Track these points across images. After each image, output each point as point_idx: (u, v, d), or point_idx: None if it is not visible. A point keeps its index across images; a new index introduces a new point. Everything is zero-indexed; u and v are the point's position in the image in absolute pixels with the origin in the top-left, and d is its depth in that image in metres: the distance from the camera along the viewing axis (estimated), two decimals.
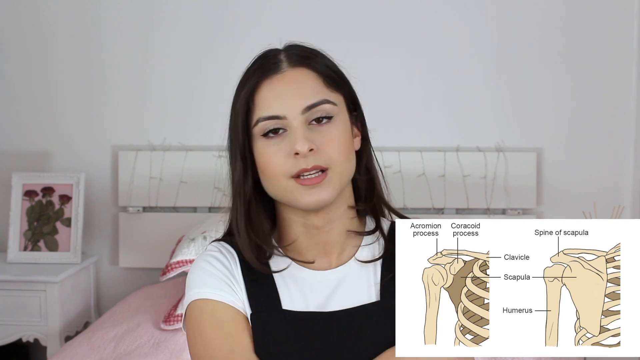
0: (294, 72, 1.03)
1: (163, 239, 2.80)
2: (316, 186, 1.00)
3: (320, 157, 1.00)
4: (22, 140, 2.95)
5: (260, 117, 1.02)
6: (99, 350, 2.12)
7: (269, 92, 1.02)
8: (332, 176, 1.01)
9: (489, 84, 2.82)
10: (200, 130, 2.87)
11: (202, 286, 1.05)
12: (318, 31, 2.76)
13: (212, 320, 1.02)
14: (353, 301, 1.05)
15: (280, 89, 1.02)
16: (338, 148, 1.01)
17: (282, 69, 1.04)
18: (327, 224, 1.06)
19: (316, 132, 1.01)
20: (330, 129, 1.02)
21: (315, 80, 1.03)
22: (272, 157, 1.01)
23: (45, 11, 2.91)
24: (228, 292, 1.05)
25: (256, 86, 1.03)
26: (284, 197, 1.03)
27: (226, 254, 1.09)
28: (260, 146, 1.03)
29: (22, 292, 2.60)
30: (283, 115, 1.01)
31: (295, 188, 1.01)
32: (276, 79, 1.03)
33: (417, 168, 2.77)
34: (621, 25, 2.77)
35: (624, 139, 2.80)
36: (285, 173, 1.00)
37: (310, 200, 1.00)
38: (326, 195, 1.01)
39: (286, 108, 1.01)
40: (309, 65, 1.04)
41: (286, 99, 1.01)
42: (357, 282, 1.07)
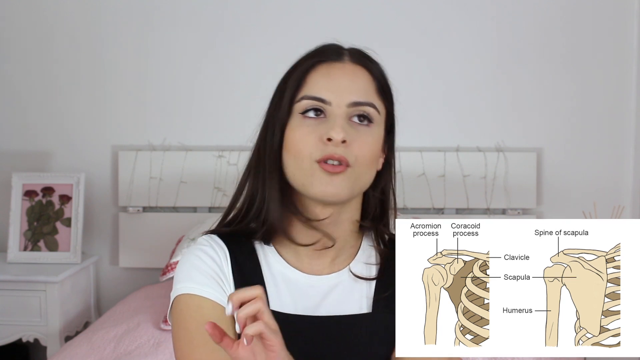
0: (354, 67, 1.05)
1: (163, 239, 2.80)
2: (335, 176, 0.99)
3: (350, 152, 0.99)
4: (22, 140, 2.95)
5: (306, 95, 1.02)
6: (99, 350, 2.12)
7: (323, 75, 1.03)
8: (352, 174, 1.00)
9: (489, 84, 2.82)
10: (200, 130, 2.87)
11: (189, 281, 1.04)
12: (318, 31, 2.75)
13: (197, 316, 1.01)
14: (343, 309, 1.05)
15: (335, 76, 1.03)
16: (366, 152, 1.01)
17: (344, 59, 1.05)
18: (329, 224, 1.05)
19: (353, 129, 1.01)
20: (367, 132, 1.02)
21: (369, 83, 1.04)
22: (305, 136, 1.00)
23: (45, 11, 2.91)
24: (215, 289, 1.03)
25: (313, 66, 1.04)
26: (301, 178, 1.01)
27: (217, 248, 1.07)
28: (296, 123, 1.02)
29: (22, 292, 2.60)
30: (329, 100, 1.01)
31: (317, 172, 0.99)
32: (335, 66, 1.04)
33: (417, 168, 2.77)
34: (621, 25, 2.77)
35: (624, 139, 2.80)
36: (311, 155, 0.99)
37: (323, 189, 0.99)
38: (339, 189, 1.00)
39: (334, 95, 1.01)
40: (368, 66, 1.06)
41: (338, 86, 1.02)
42: (350, 291, 1.07)
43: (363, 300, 1.06)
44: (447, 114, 2.84)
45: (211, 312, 1.02)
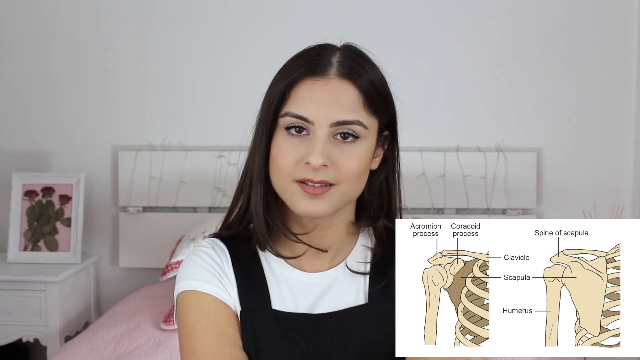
0: (339, 82, 1.00)
1: (163, 239, 2.80)
2: (316, 197, 0.99)
3: (330, 173, 0.99)
4: (22, 140, 2.95)
5: (289, 112, 1.00)
6: (99, 350, 2.12)
7: (306, 92, 1.00)
8: (335, 193, 1.00)
9: (489, 84, 2.82)
10: (200, 130, 2.87)
11: (190, 278, 1.05)
12: (318, 31, 2.75)
13: (197, 309, 1.03)
14: (341, 303, 1.06)
15: (319, 95, 0.99)
16: (353, 168, 1.00)
17: (329, 74, 1.00)
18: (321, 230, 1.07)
19: (336, 148, 0.99)
20: (352, 149, 1.00)
21: (355, 98, 1.00)
22: (287, 154, 1.00)
23: (45, 11, 2.91)
24: (217, 285, 1.05)
25: (297, 80, 1.00)
26: (282, 193, 1.03)
27: (218, 251, 1.09)
28: (280, 138, 1.01)
29: (22, 292, 2.60)
30: (311, 120, 0.98)
31: (297, 191, 0.99)
32: (318, 83, 1.00)
33: (417, 168, 2.77)
34: (621, 25, 2.77)
35: (624, 139, 2.80)
36: (291, 175, 0.99)
37: (305, 209, 1.00)
38: (322, 209, 1.00)
39: (316, 114, 0.98)
40: (355, 80, 1.01)
41: (320, 105, 0.99)
42: (347, 285, 1.08)
43: (360, 293, 1.07)
44: (447, 114, 2.84)
45: (211, 306, 1.03)
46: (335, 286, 1.07)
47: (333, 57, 1.03)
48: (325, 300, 1.06)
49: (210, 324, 1.02)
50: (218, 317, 1.03)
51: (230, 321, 1.03)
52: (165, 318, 2.28)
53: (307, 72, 1.00)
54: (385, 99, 1.05)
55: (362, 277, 1.08)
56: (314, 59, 1.02)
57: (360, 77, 1.01)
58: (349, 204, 1.06)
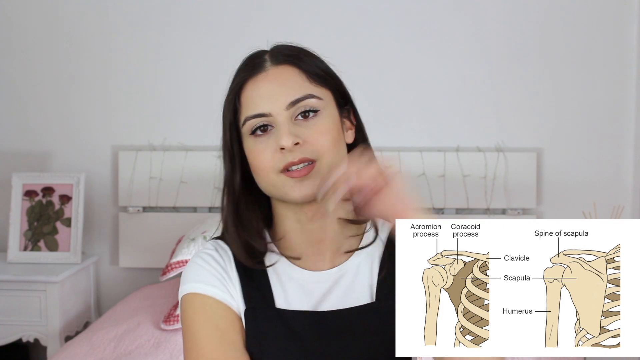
0: (277, 69, 1.05)
1: (163, 239, 2.80)
2: (305, 178, 1.01)
3: (306, 150, 1.01)
4: (22, 140, 2.95)
5: (247, 116, 1.04)
6: (99, 350, 2.12)
7: (253, 91, 1.04)
8: (321, 167, 1.01)
9: (489, 84, 2.82)
10: (200, 130, 2.87)
11: (193, 281, 1.06)
12: (318, 31, 2.77)
13: (201, 313, 1.04)
14: (347, 302, 1.06)
15: (264, 88, 1.04)
16: (325, 140, 1.02)
17: (266, 67, 1.05)
18: (319, 218, 1.06)
19: (302, 127, 1.02)
20: (317, 122, 1.03)
21: (298, 76, 1.05)
22: (260, 153, 1.02)
23: (45, 11, 2.91)
24: (220, 288, 1.05)
25: (241, 86, 1.06)
26: (275, 192, 1.04)
27: (221, 252, 1.10)
28: (250, 144, 1.04)
29: (22, 292, 2.60)
30: (268, 112, 1.02)
31: (286, 181, 1.01)
32: (260, 78, 1.05)
33: (417, 168, 2.77)
34: (621, 25, 2.77)
35: (624, 139, 2.80)
36: (273, 168, 1.01)
37: (299, 193, 1.01)
38: (314, 188, 1.01)
39: (270, 105, 1.02)
40: (292, 62, 1.06)
41: (270, 96, 1.03)
42: (353, 282, 1.08)
43: (366, 288, 1.07)
44: (447, 114, 2.84)
45: (215, 310, 1.04)
46: (342, 283, 1.07)
47: (264, 54, 1.08)
48: (331, 298, 1.06)
49: (214, 328, 1.02)
50: (221, 320, 1.03)
51: (233, 324, 1.04)
52: (165, 318, 2.28)
53: (246, 75, 1.06)
54: (327, 70, 1.09)
55: (368, 268, 1.09)
56: (248, 63, 1.08)
57: (295, 58, 1.06)
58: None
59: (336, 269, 1.08)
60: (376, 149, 1.14)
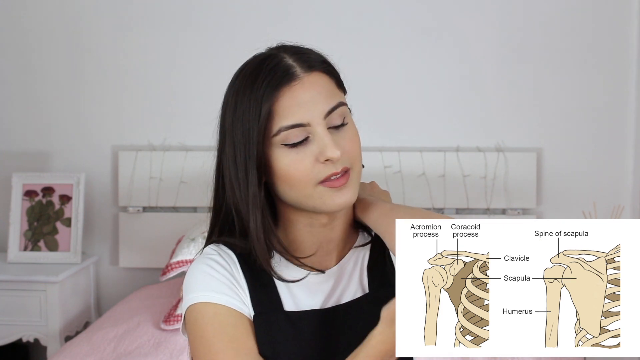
0: (310, 77, 1.01)
1: (163, 239, 2.80)
2: (344, 187, 1.00)
3: (346, 159, 1.01)
4: (22, 140, 2.95)
5: (282, 126, 0.98)
6: (99, 350, 2.12)
7: (290, 100, 0.99)
8: (354, 176, 1.02)
9: (489, 84, 2.82)
10: (200, 130, 2.85)
11: (202, 290, 1.02)
12: (318, 31, 2.77)
13: (214, 323, 1.00)
14: (348, 296, 1.08)
15: (302, 96, 0.99)
16: (357, 148, 1.03)
17: (298, 75, 1.00)
18: (332, 220, 1.07)
19: (338, 137, 1.01)
20: (349, 132, 1.02)
21: (330, 84, 1.03)
22: (298, 164, 0.99)
23: (45, 11, 2.91)
24: (231, 295, 1.02)
25: (274, 95, 0.99)
26: (307, 202, 1.01)
27: (225, 257, 1.06)
28: (281, 154, 1.00)
29: (22, 292, 2.60)
30: (307, 122, 0.98)
31: (325, 192, 1.00)
32: (296, 87, 0.99)
33: (417, 168, 2.77)
34: (621, 25, 2.77)
35: (624, 139, 2.80)
36: (312, 180, 0.99)
37: (339, 202, 1.00)
38: (353, 195, 1.02)
39: (309, 115, 0.99)
40: (319, 68, 1.03)
41: (308, 105, 0.99)
42: (351, 276, 1.09)
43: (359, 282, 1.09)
44: (447, 114, 2.84)
45: (228, 319, 1.01)
46: (342, 279, 1.09)
47: (285, 59, 1.02)
48: (336, 294, 1.08)
49: (230, 339, 0.99)
50: (236, 329, 1.00)
51: (247, 332, 1.01)
52: (165, 318, 2.28)
53: (278, 83, 0.99)
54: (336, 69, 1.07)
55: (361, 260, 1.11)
56: (274, 70, 1.01)
57: (319, 63, 1.03)
58: None
59: (337, 266, 1.09)
60: (376, 149, 1.15)
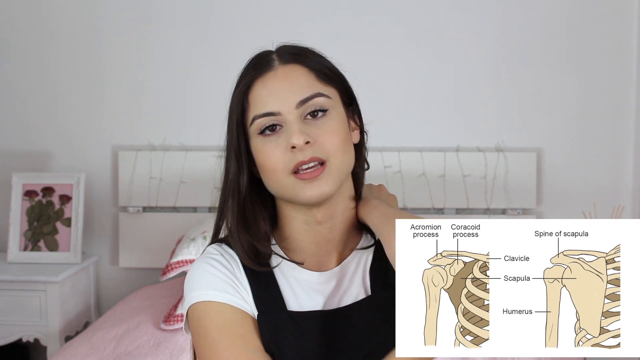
0: (286, 68, 1.04)
1: (163, 239, 2.80)
2: (316, 179, 1.00)
3: (317, 149, 1.00)
4: (22, 140, 2.95)
5: (255, 115, 1.02)
6: (99, 350, 2.12)
7: (262, 90, 1.03)
8: (331, 168, 1.01)
9: (489, 84, 2.82)
10: (200, 130, 2.87)
11: (204, 288, 1.03)
12: (318, 31, 2.77)
13: (218, 321, 1.00)
14: (350, 298, 1.07)
15: (273, 86, 1.02)
16: (335, 140, 1.01)
17: (274, 66, 1.04)
18: (329, 219, 1.06)
19: (312, 126, 1.01)
20: (326, 122, 1.02)
21: (307, 76, 1.04)
22: (270, 153, 1.01)
23: (45, 11, 2.91)
24: (233, 294, 1.03)
25: (249, 85, 1.04)
26: (285, 193, 1.03)
27: (227, 257, 1.07)
28: (258, 144, 1.03)
29: (22, 292, 2.60)
30: (277, 111, 1.01)
31: (296, 183, 1.00)
32: (268, 77, 1.03)
33: (417, 168, 2.77)
34: (621, 25, 2.77)
35: (624, 139, 2.80)
36: (284, 169, 1.00)
37: (311, 194, 1.00)
38: (327, 188, 1.00)
39: (280, 104, 1.01)
40: (300, 61, 1.05)
41: (279, 94, 1.01)
42: (353, 278, 1.08)
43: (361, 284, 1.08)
44: (447, 114, 2.84)
45: (232, 317, 1.01)
46: (345, 280, 1.08)
47: (272, 54, 1.07)
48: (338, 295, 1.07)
49: (235, 336, 0.99)
50: (241, 327, 1.01)
51: (252, 329, 1.01)
52: (165, 318, 2.28)
53: (254, 74, 1.04)
54: (334, 69, 1.08)
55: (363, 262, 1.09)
56: (256, 62, 1.06)
57: (303, 57, 1.05)
58: (346, 177, 1.06)
59: (339, 267, 1.08)
60: (376, 149, 1.15)
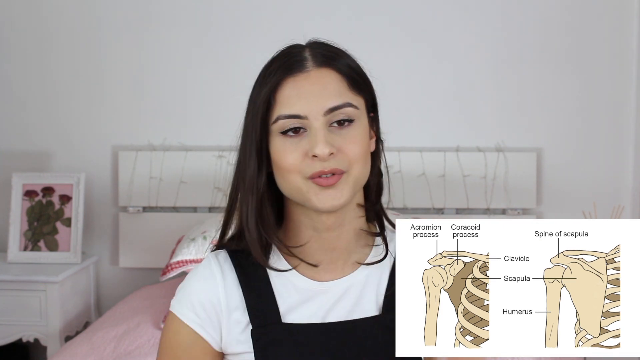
0: (319, 72, 1.01)
1: (163, 239, 2.80)
2: (331, 188, 0.98)
3: (339, 160, 0.98)
4: (22, 140, 2.95)
5: (280, 115, 0.99)
6: (99, 350, 2.12)
7: (292, 91, 1.00)
8: (349, 179, 0.99)
9: (489, 84, 2.82)
10: (200, 130, 2.87)
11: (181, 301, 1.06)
12: (318, 31, 2.75)
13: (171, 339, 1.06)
14: (354, 314, 1.03)
15: (304, 89, 1.00)
16: (357, 152, 1.00)
17: (307, 67, 1.01)
18: (338, 226, 1.04)
19: (337, 135, 0.99)
20: (351, 132, 1.00)
21: (339, 82, 1.01)
22: (289, 155, 0.99)
23: (45, 11, 2.91)
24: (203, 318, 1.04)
25: (279, 83, 1.00)
26: (297, 195, 1.01)
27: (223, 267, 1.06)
28: (278, 143, 1.00)
29: (22, 292, 2.60)
30: (305, 115, 0.98)
31: (311, 188, 0.98)
32: (300, 78, 1.00)
33: (417, 168, 2.77)
34: (621, 25, 2.77)
35: (624, 139, 2.80)
36: (300, 172, 0.98)
37: (324, 204, 0.98)
38: (342, 199, 0.99)
39: (308, 108, 0.98)
40: (333, 66, 1.02)
41: (309, 98, 0.99)
42: (362, 292, 1.05)
43: (373, 299, 1.05)
44: (447, 114, 2.84)
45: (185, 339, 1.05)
46: (350, 294, 1.04)
47: (304, 52, 1.03)
48: (339, 309, 1.04)
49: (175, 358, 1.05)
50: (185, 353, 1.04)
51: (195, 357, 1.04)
52: (165, 318, 2.28)
53: (285, 72, 1.01)
54: (364, 77, 1.06)
55: (377, 278, 1.06)
56: (288, 59, 1.02)
57: (336, 61, 1.03)
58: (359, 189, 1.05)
59: (345, 279, 1.05)
60: None
